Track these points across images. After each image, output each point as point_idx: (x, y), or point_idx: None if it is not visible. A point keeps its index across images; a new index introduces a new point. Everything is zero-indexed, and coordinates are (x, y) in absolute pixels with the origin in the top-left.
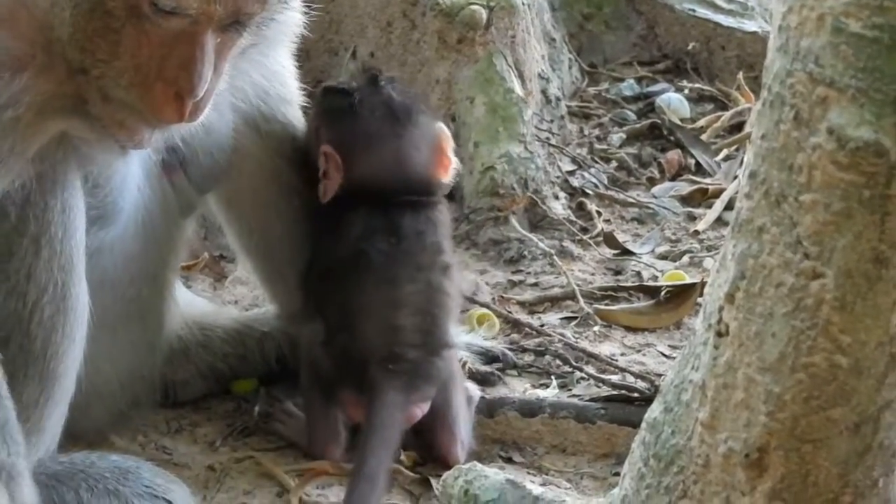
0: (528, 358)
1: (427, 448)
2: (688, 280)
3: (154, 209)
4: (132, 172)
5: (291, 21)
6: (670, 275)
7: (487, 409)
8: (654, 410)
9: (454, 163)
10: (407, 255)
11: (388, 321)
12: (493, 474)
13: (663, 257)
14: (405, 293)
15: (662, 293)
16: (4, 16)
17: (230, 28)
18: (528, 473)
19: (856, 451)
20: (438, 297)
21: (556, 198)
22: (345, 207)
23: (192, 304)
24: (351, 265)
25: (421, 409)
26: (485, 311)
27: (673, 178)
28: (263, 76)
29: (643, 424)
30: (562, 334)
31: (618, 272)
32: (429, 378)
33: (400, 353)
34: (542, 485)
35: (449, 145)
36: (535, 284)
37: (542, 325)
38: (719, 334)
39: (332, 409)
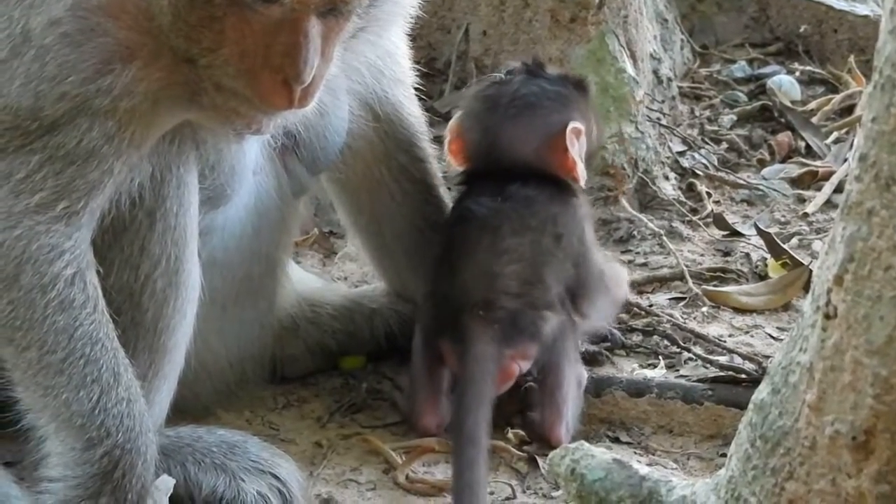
0: (636, 338)
1: (532, 426)
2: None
3: (267, 191)
4: (246, 155)
5: (405, 1)
6: (773, 265)
7: (595, 389)
8: (762, 392)
9: (576, 161)
10: (513, 212)
11: (486, 267)
12: (600, 454)
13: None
14: (507, 244)
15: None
16: (112, 4)
17: (331, 14)
18: (635, 453)
19: None
20: (545, 257)
21: (666, 178)
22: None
23: (301, 280)
24: (457, 221)
25: (519, 366)
26: None
27: (783, 161)
28: (378, 56)
29: (750, 406)
30: (670, 315)
31: (727, 253)
32: (525, 332)
33: (494, 300)
34: (649, 465)
35: (572, 144)
36: (644, 265)
37: (650, 306)
38: (827, 317)
39: (435, 368)
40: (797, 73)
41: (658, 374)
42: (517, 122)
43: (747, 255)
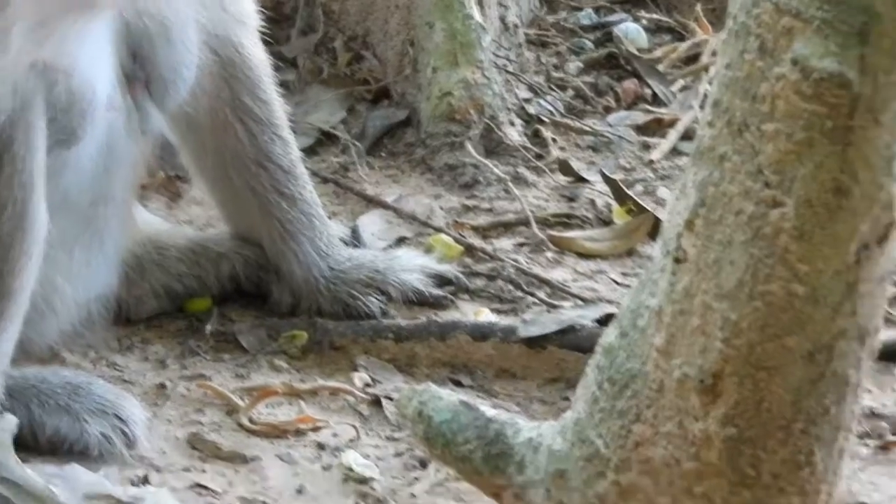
0: (480, 282)
1: None
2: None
3: (118, 129)
4: (98, 91)
5: None
6: (618, 211)
7: (439, 333)
8: (610, 335)
9: None
10: None
11: None
12: (447, 396)
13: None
14: None
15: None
16: None
17: None
18: (478, 397)
19: (809, 379)
20: None
21: (512, 124)
22: None
23: (147, 223)
24: None
25: None
26: (443, 236)
27: (629, 108)
28: None
29: (598, 349)
30: (514, 259)
31: (572, 199)
32: None
33: None
34: (492, 408)
35: None
36: (490, 210)
37: (494, 251)
38: (677, 261)
39: None
40: (644, 21)
41: (502, 318)
42: None
43: (592, 201)
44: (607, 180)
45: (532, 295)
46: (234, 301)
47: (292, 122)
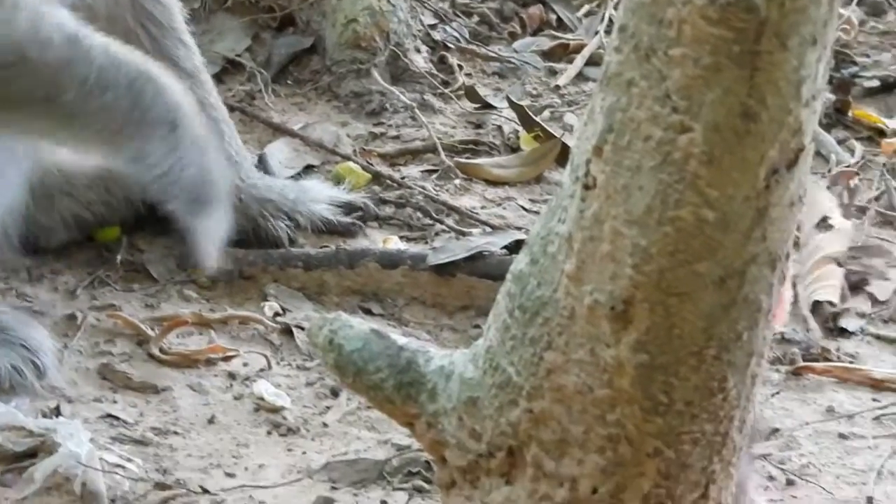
0: (389, 210)
1: None
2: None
3: None
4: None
5: None
6: (525, 137)
7: (348, 261)
8: (520, 262)
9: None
10: None
11: None
12: (358, 324)
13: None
14: None
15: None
16: None
17: None
18: (389, 325)
19: (721, 305)
20: None
21: (418, 51)
22: None
23: (55, 150)
24: None
25: None
26: (351, 164)
27: (534, 34)
28: None
29: (508, 276)
30: (422, 187)
31: (479, 126)
32: None
33: None
34: (403, 336)
35: None
36: (397, 137)
37: (402, 178)
38: (586, 187)
39: None
40: None
41: (411, 246)
42: None
43: (499, 127)
44: (514, 107)
45: (441, 222)
46: (144, 230)
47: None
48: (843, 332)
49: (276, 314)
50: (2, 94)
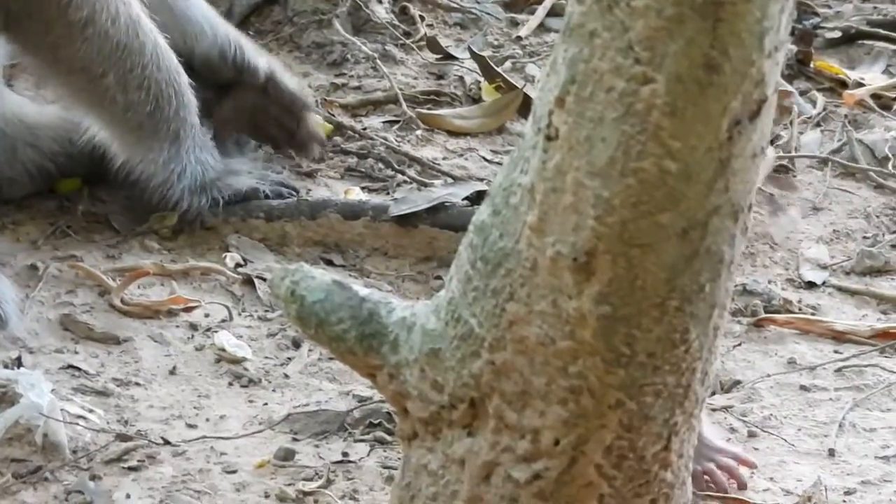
0: (351, 161)
1: None
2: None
3: None
4: None
5: None
6: (487, 88)
7: (310, 212)
8: (482, 213)
9: None
10: None
11: None
12: (320, 275)
13: None
14: None
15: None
16: None
17: None
18: (350, 276)
19: (683, 257)
20: None
21: (380, 2)
22: None
23: (16, 103)
24: None
25: None
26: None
27: None
28: None
29: (470, 227)
30: (384, 138)
31: (440, 77)
32: None
33: None
34: (365, 287)
35: None
36: (358, 88)
37: (364, 129)
38: (549, 138)
39: None
40: None
41: (373, 196)
42: None
43: (461, 78)
44: (476, 57)
45: (402, 173)
46: (105, 182)
47: None
48: (806, 284)
49: (238, 265)
50: (65, 54)
